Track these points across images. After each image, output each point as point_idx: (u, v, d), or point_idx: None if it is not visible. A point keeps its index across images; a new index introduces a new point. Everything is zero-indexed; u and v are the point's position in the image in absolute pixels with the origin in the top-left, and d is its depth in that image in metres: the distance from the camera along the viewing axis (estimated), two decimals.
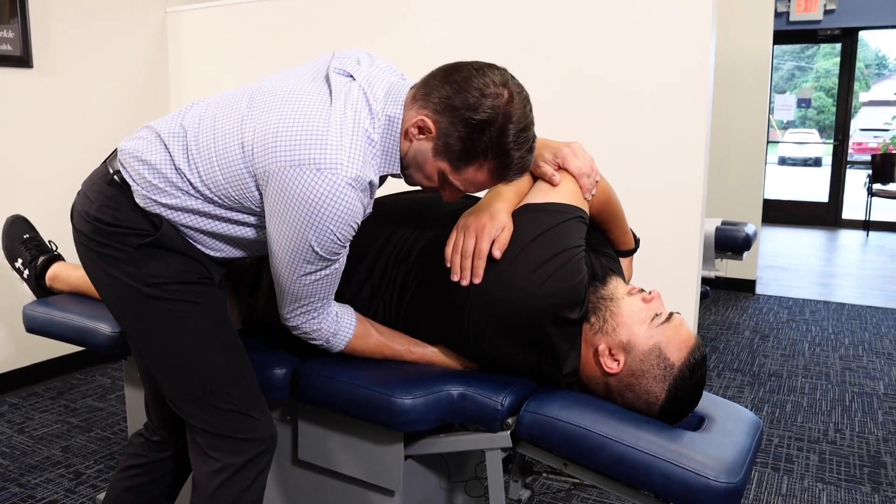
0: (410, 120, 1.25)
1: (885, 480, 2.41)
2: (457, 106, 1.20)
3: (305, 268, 1.26)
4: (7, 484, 2.28)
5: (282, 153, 1.19)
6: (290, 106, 1.23)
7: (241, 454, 1.36)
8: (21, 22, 2.91)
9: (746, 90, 4.99)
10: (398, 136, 1.27)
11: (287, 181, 1.19)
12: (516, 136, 1.22)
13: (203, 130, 1.29)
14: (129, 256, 1.30)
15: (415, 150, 1.27)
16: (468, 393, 1.39)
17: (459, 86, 1.21)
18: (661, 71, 2.51)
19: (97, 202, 1.32)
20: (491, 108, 1.19)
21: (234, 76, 3.42)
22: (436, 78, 1.25)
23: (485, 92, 1.20)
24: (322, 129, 1.20)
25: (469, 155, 1.22)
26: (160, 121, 1.37)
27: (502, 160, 1.23)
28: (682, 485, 1.22)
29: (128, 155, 1.32)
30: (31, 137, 3.03)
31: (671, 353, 1.34)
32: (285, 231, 1.22)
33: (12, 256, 2.08)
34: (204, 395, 1.35)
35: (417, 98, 1.26)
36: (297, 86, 1.28)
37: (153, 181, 1.29)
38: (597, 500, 2.24)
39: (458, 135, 1.21)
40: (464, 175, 1.25)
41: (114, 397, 2.98)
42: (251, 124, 1.24)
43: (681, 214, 2.54)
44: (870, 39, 17.68)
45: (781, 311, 4.60)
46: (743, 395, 3.17)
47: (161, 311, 1.32)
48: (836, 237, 7.69)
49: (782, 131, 15.93)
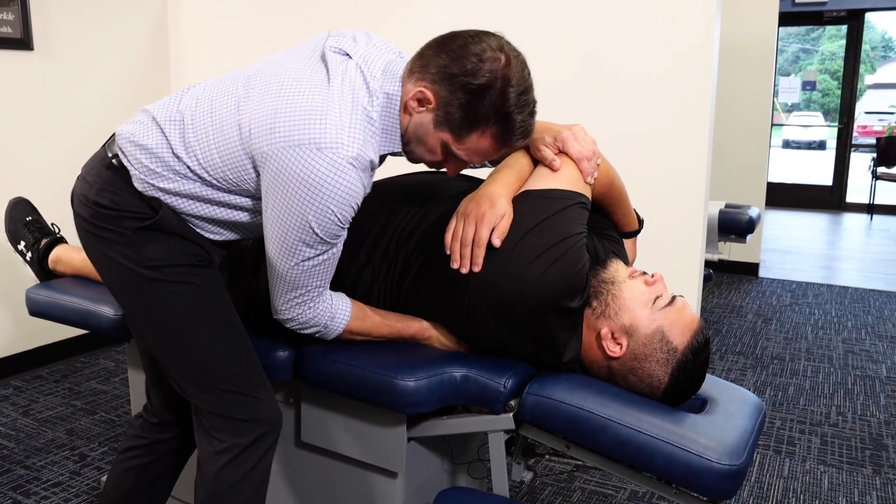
0: (409, 93, 1.24)
1: (886, 463, 2.41)
2: (455, 73, 1.19)
3: (305, 252, 1.25)
4: (12, 466, 2.29)
5: (281, 134, 1.18)
6: (287, 87, 1.22)
7: (245, 435, 1.36)
8: (21, 3, 2.89)
9: (751, 72, 4.95)
10: (397, 112, 1.26)
11: (286, 161, 1.18)
12: (517, 98, 1.21)
13: (200, 114, 1.28)
14: (127, 239, 1.30)
15: (415, 124, 1.26)
16: (471, 375, 1.39)
17: (456, 53, 1.20)
18: (665, 53, 2.49)
19: (95, 186, 1.32)
20: (490, 72, 1.18)
21: (235, 58, 3.40)
22: (431, 49, 1.24)
23: (482, 57, 1.19)
24: (321, 108, 1.18)
25: (471, 122, 1.21)
26: (157, 105, 1.36)
27: (505, 124, 1.22)
28: (685, 467, 1.23)
29: (125, 140, 1.32)
30: (31, 120, 3.02)
31: (674, 337, 1.33)
32: (284, 213, 1.21)
33: (15, 239, 2.08)
34: (205, 376, 1.35)
35: (414, 71, 1.25)
36: (293, 67, 1.27)
37: (151, 165, 1.29)
38: (599, 482, 2.25)
39: (458, 102, 1.20)
40: (467, 144, 1.24)
41: (118, 380, 2.99)
42: (248, 106, 1.23)
43: (684, 197, 2.53)
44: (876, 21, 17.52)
45: (784, 295, 4.60)
46: (746, 377, 3.17)
47: (161, 294, 1.32)
48: (839, 220, 7.67)
49: (787, 114, 15.85)
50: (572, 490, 2.21)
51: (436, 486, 1.66)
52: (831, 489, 2.25)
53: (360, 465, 1.56)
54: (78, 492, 2.15)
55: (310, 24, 3.17)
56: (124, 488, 1.54)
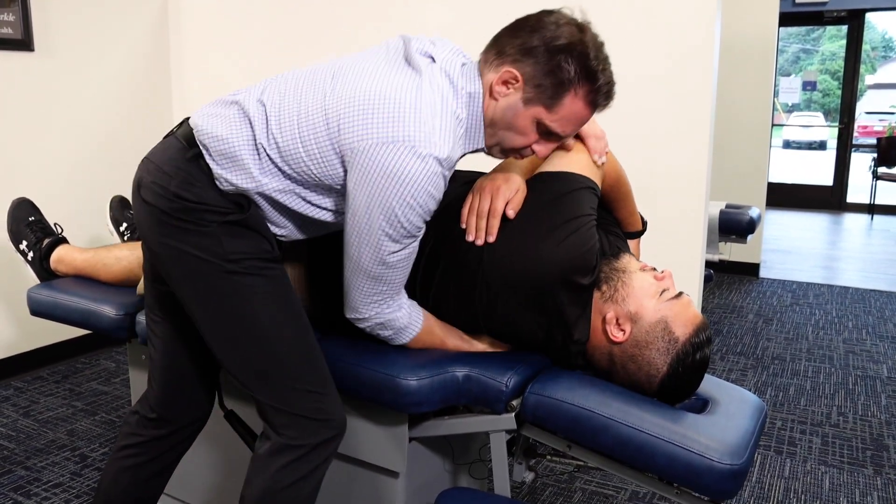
0: (491, 80, 1.26)
1: (887, 463, 2.41)
2: (536, 45, 1.22)
3: (390, 246, 1.26)
4: (13, 467, 2.29)
5: (374, 129, 1.19)
6: (379, 82, 1.23)
7: (314, 435, 1.33)
8: (22, 4, 2.90)
9: (751, 72, 4.95)
10: (481, 111, 1.29)
11: (379, 158, 1.19)
12: (597, 55, 1.25)
13: (286, 106, 1.28)
14: (210, 231, 1.28)
15: (503, 109, 1.27)
16: (473, 374, 1.39)
17: (533, 28, 1.24)
18: (665, 53, 2.49)
19: (177, 178, 1.29)
20: (569, 34, 1.22)
21: (235, 58, 3.40)
22: (505, 35, 1.27)
23: (559, 23, 1.24)
24: (415, 107, 1.20)
25: (561, 87, 1.23)
26: (234, 95, 1.35)
27: (592, 82, 1.25)
28: (686, 466, 1.23)
29: (205, 134, 1.30)
30: (32, 121, 3.02)
31: (676, 328, 1.35)
32: (372, 207, 1.22)
33: (17, 239, 2.08)
34: (278, 371, 1.33)
35: (491, 60, 1.27)
36: (380, 65, 1.28)
37: (233, 158, 1.28)
38: (600, 482, 2.25)
39: (545, 70, 1.22)
40: (560, 112, 1.25)
41: (118, 381, 2.99)
42: (335, 99, 1.24)
43: (684, 197, 2.53)
44: (876, 21, 17.54)
45: (785, 295, 4.60)
46: (746, 378, 3.17)
47: (239, 286, 1.30)
48: (840, 221, 7.67)
49: (787, 114, 15.86)
50: (573, 491, 2.21)
51: (437, 486, 1.66)
52: (832, 489, 2.25)
53: (361, 464, 1.56)
54: (79, 492, 2.15)
55: (310, 23, 3.17)
56: (120, 487, 1.52)
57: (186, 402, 1.50)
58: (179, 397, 1.49)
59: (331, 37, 3.14)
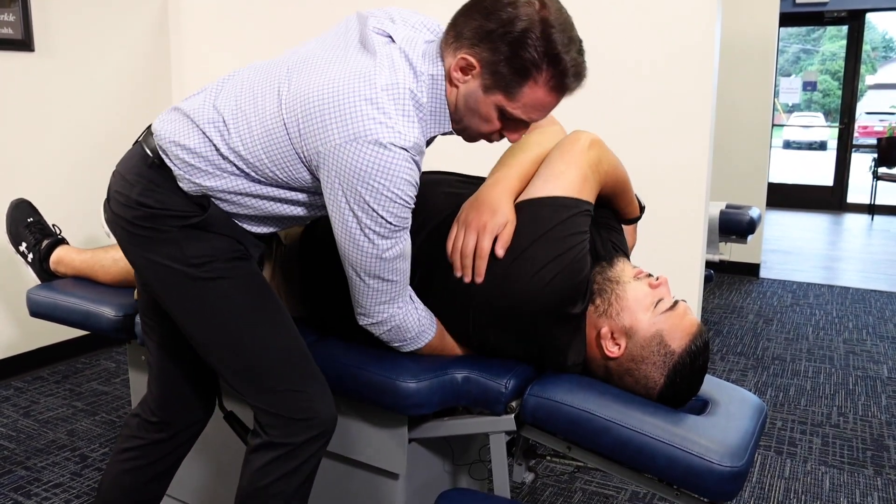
0: (450, 65, 1.21)
1: (887, 463, 2.41)
2: (492, 29, 1.16)
3: (382, 243, 1.23)
4: (13, 467, 2.29)
5: (334, 129, 1.15)
6: (331, 77, 1.18)
7: (297, 435, 1.32)
8: (22, 5, 2.89)
9: (752, 73, 4.95)
10: (443, 93, 1.23)
11: (345, 158, 1.16)
12: (561, 37, 1.17)
13: (242, 113, 1.24)
14: (171, 238, 1.27)
15: (464, 95, 1.22)
16: (472, 376, 1.39)
17: (488, 10, 1.17)
18: (665, 53, 2.49)
19: (139, 185, 1.28)
20: (527, 16, 1.15)
21: (236, 58, 3.40)
22: (461, 15, 1.21)
23: (516, 4, 1.15)
24: (370, 98, 1.16)
25: (520, 74, 1.17)
26: (189, 101, 1.32)
27: (555, 66, 1.17)
28: (686, 468, 1.22)
29: (166, 140, 1.27)
30: (32, 121, 3.02)
31: (672, 341, 1.33)
32: (353, 209, 1.19)
33: (16, 240, 2.08)
34: (254, 373, 1.32)
35: (450, 42, 1.22)
36: (335, 55, 1.23)
37: (196, 164, 1.25)
38: (600, 483, 2.25)
39: (502, 57, 1.16)
40: (522, 100, 1.20)
41: (118, 381, 2.99)
42: (291, 101, 1.20)
43: (685, 197, 2.53)
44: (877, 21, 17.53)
45: (785, 295, 4.59)
46: (746, 378, 3.17)
47: (205, 291, 1.29)
48: (840, 221, 7.66)
49: (787, 114, 15.85)
50: (573, 491, 2.20)
51: (437, 487, 1.66)
52: (833, 490, 2.25)
53: (361, 466, 1.56)
54: (79, 493, 2.15)
55: (310, 23, 3.17)
56: (120, 490, 1.52)
57: (185, 405, 1.50)
58: (178, 400, 1.49)
59: None
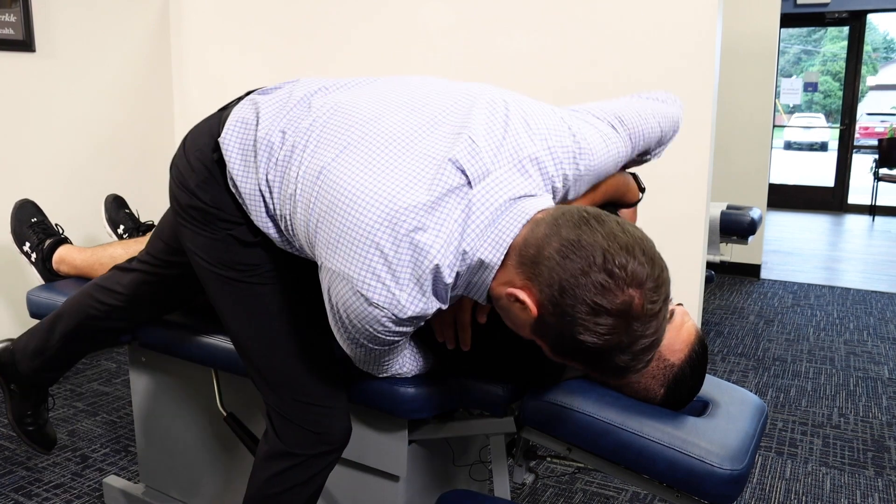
0: (505, 279, 1.03)
1: (888, 465, 2.41)
2: (564, 309, 0.96)
3: (368, 346, 1.15)
4: (14, 468, 2.29)
5: (338, 256, 1.05)
6: (373, 192, 1.03)
7: (310, 448, 1.32)
8: (23, 5, 2.90)
9: (752, 74, 4.95)
10: (489, 280, 1.05)
11: (336, 285, 1.07)
12: (628, 358, 0.99)
13: (295, 160, 1.13)
14: (220, 237, 1.25)
15: (509, 311, 1.04)
16: (471, 379, 1.39)
17: (574, 280, 0.94)
18: (666, 55, 2.49)
19: (198, 175, 1.25)
20: (606, 334, 0.95)
21: (236, 60, 3.40)
22: (554, 237, 0.98)
23: (600, 305, 0.94)
24: (387, 254, 1.01)
25: (564, 352, 1.02)
26: (267, 100, 1.23)
27: (604, 368, 1.02)
28: (687, 471, 1.22)
29: (226, 150, 1.21)
30: (34, 122, 3.02)
31: (671, 355, 1.32)
32: (338, 321, 1.12)
33: (20, 240, 2.10)
34: (281, 381, 1.31)
35: (525, 260, 1.00)
36: (404, 161, 1.06)
37: (242, 194, 1.20)
38: (601, 484, 2.25)
39: (558, 332, 0.99)
40: (559, 359, 1.05)
41: (119, 381, 2.99)
42: (324, 190, 1.07)
43: (686, 198, 2.53)
44: (878, 22, 17.53)
45: (786, 296, 4.59)
46: (747, 379, 3.17)
47: (247, 294, 1.27)
48: (841, 222, 7.66)
49: (788, 115, 15.83)
50: (574, 492, 2.20)
51: (437, 488, 1.66)
52: (833, 491, 2.25)
53: (361, 468, 1.56)
54: (80, 493, 2.15)
55: (311, 23, 3.17)
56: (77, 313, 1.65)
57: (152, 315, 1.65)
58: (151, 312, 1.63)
59: (329, 35, 3.14)
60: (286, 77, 3.26)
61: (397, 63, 2.95)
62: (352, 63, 3.09)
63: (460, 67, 2.83)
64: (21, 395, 1.76)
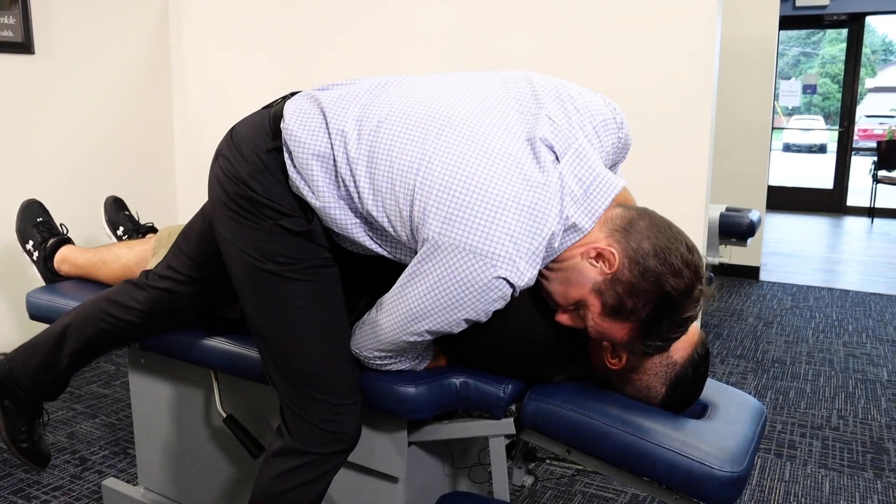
0: (594, 240, 1.18)
1: (887, 467, 2.41)
2: (648, 269, 1.14)
3: (425, 335, 1.22)
4: (13, 470, 2.29)
5: (460, 230, 1.11)
6: (485, 166, 1.12)
7: (323, 446, 1.32)
8: (22, 7, 2.90)
9: (751, 76, 4.95)
10: (569, 244, 1.19)
11: (455, 262, 1.12)
12: (679, 319, 1.17)
13: (378, 150, 1.18)
14: (265, 227, 1.25)
15: (577, 268, 1.19)
16: (471, 381, 1.39)
17: (667, 248, 1.15)
18: (666, 57, 2.50)
19: (251, 165, 1.25)
20: (674, 287, 1.14)
21: (236, 61, 3.41)
22: (645, 220, 1.18)
23: (680, 272, 1.14)
24: (515, 219, 1.11)
25: (622, 314, 1.17)
26: (331, 99, 1.26)
27: (648, 331, 1.18)
28: (687, 474, 1.22)
29: (290, 137, 1.23)
30: (33, 123, 3.02)
31: (675, 352, 1.33)
32: (427, 300, 1.17)
33: (24, 238, 2.10)
34: (301, 378, 1.31)
35: (617, 226, 1.17)
36: (497, 132, 1.17)
37: (307, 180, 1.22)
38: (600, 486, 2.25)
39: (628, 289, 1.15)
40: (604, 323, 1.19)
41: (118, 384, 2.99)
42: (431, 172, 1.14)
43: (685, 200, 2.53)
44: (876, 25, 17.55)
45: (785, 298, 4.59)
46: (746, 381, 3.17)
47: (281, 288, 1.27)
48: (840, 224, 7.67)
49: (787, 117, 15.84)
50: (573, 494, 2.20)
51: (437, 490, 1.65)
52: (832, 493, 2.25)
53: (360, 469, 1.56)
54: (79, 495, 2.15)
55: (311, 23, 3.17)
56: (84, 322, 1.62)
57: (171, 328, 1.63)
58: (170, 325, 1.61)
59: (329, 35, 3.14)
60: (285, 77, 3.27)
61: (397, 63, 2.95)
62: (352, 63, 3.10)
63: (460, 68, 2.83)
64: (16, 411, 1.72)
